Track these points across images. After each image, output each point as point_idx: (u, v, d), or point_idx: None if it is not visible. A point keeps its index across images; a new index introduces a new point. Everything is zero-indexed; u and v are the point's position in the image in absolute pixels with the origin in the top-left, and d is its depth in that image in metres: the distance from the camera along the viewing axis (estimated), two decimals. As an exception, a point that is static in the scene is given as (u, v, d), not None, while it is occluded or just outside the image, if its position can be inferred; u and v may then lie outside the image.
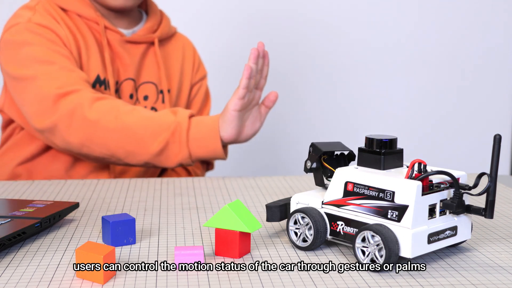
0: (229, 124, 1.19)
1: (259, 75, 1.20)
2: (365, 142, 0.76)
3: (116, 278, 0.68)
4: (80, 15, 1.34)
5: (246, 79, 1.15)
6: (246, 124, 1.23)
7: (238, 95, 1.17)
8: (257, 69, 1.18)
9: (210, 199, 1.02)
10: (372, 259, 0.70)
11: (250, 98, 1.20)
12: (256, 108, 1.24)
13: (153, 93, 1.41)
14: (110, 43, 1.36)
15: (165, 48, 1.46)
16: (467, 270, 0.71)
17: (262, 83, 1.22)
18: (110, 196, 1.05)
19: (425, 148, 2.37)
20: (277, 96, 1.24)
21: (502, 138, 0.70)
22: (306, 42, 2.28)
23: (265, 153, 2.34)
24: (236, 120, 1.19)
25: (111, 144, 1.21)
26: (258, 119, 1.25)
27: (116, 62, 1.37)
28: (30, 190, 1.08)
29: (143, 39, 1.40)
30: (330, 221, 0.75)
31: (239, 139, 1.23)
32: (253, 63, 1.17)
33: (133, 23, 1.43)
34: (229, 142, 1.23)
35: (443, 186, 0.72)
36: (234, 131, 1.20)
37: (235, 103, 1.17)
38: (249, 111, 1.23)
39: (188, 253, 0.70)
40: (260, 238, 0.81)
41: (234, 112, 1.18)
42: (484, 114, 2.38)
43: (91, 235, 0.83)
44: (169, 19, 1.49)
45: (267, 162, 2.35)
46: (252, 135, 1.25)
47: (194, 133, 1.20)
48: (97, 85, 1.33)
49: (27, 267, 0.71)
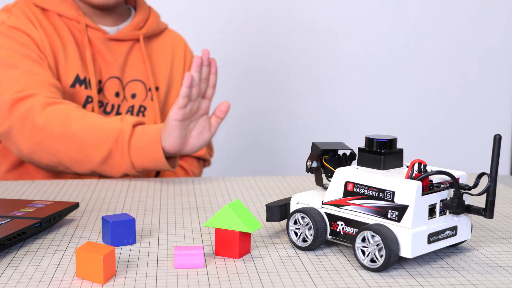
0: (170, 134, 1.13)
1: (204, 84, 1.14)
2: (365, 142, 0.76)
3: (116, 278, 0.68)
4: (61, 15, 1.33)
5: (185, 88, 1.09)
6: (192, 134, 1.17)
7: (178, 104, 1.11)
8: (200, 77, 1.12)
9: (210, 199, 1.02)
10: (372, 259, 0.70)
11: (194, 108, 1.14)
12: (204, 118, 1.17)
13: (141, 91, 1.39)
14: (91, 42, 1.35)
15: (154, 45, 1.44)
16: (467, 270, 0.71)
17: (210, 92, 1.15)
18: (110, 196, 1.05)
19: (425, 148, 2.37)
20: (229, 106, 1.17)
21: (502, 138, 0.70)
22: (307, 42, 2.28)
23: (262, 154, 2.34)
24: (177, 130, 1.13)
25: (57, 151, 1.19)
26: (207, 130, 1.18)
27: (98, 61, 1.35)
28: (30, 190, 1.08)
29: (127, 36, 1.38)
30: (330, 221, 0.75)
31: (184, 150, 1.17)
32: (195, 71, 1.11)
33: (120, 20, 1.41)
34: (173, 153, 1.17)
35: (443, 186, 0.72)
36: (177, 142, 1.14)
37: (175, 113, 1.11)
38: (194, 121, 1.16)
39: (188, 253, 0.70)
40: (260, 238, 0.81)
41: (175, 122, 1.12)
42: (484, 114, 2.38)
43: (91, 235, 0.83)
44: (158, 15, 1.47)
45: (265, 163, 2.35)
46: (201, 146, 1.18)
47: (136, 142, 1.16)
48: (77, 85, 1.32)
49: (27, 267, 0.71)
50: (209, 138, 1.18)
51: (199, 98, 1.14)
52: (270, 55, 2.28)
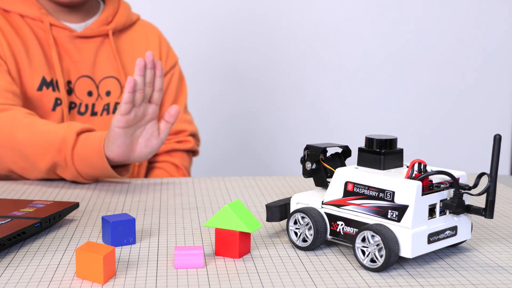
0: (114, 142, 1.07)
1: (149, 88, 1.07)
2: (365, 142, 0.76)
3: (116, 278, 0.68)
4: (23, 15, 1.29)
5: (127, 93, 1.03)
6: (139, 141, 1.10)
7: (120, 110, 1.04)
8: (144, 81, 1.06)
9: (210, 199, 1.02)
10: (372, 259, 0.70)
11: (139, 113, 1.07)
12: (152, 124, 1.10)
13: (115, 88, 1.35)
14: (57, 41, 1.31)
15: (125, 38, 1.39)
16: (467, 270, 0.71)
17: (156, 96, 1.09)
18: (110, 196, 1.05)
19: (425, 148, 2.37)
20: (178, 110, 1.11)
21: (502, 138, 0.70)
22: (307, 41, 2.28)
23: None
24: (121, 138, 1.06)
25: (5, 160, 1.16)
26: (155, 136, 1.11)
27: (65, 61, 1.31)
28: (30, 190, 1.08)
29: (95, 32, 1.34)
30: (330, 221, 0.75)
31: (131, 158, 1.11)
32: (139, 74, 1.05)
33: (88, 16, 1.36)
34: (119, 162, 1.11)
35: (443, 186, 0.72)
36: (121, 150, 1.07)
37: (118, 120, 1.05)
38: (141, 127, 1.10)
39: (188, 253, 0.70)
40: (260, 238, 0.81)
41: (118, 129, 1.05)
42: (484, 114, 2.38)
43: (91, 235, 0.83)
44: (129, 7, 1.42)
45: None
46: (149, 153, 1.12)
47: (79, 151, 1.10)
48: (44, 88, 1.27)
49: (27, 267, 0.71)
50: (158, 144, 1.12)
51: (145, 103, 1.08)
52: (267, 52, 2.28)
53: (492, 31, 2.34)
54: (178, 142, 1.43)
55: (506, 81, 2.38)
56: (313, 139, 2.25)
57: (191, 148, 1.43)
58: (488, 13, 2.32)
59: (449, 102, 2.36)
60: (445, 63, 2.34)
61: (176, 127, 1.43)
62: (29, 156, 1.13)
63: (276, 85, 2.29)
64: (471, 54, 2.34)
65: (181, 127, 1.44)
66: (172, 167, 1.41)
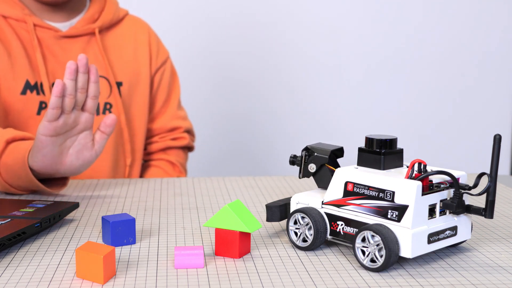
0: (39, 151, 0.98)
1: (82, 94, 0.98)
2: (365, 142, 0.76)
3: (116, 278, 0.68)
4: (6, 16, 1.25)
5: (54, 97, 0.94)
6: (69, 152, 1.01)
7: (47, 117, 0.95)
8: (75, 86, 0.97)
9: (210, 199, 1.02)
10: (372, 259, 0.70)
11: (70, 121, 0.98)
12: (86, 134, 1.01)
13: (104, 88, 1.30)
14: (42, 42, 1.26)
15: (112, 36, 1.35)
16: (467, 270, 0.71)
17: (90, 104, 1.00)
18: (110, 196, 1.05)
19: (425, 148, 2.37)
20: (115, 120, 1.03)
21: (502, 138, 0.70)
22: (307, 41, 2.28)
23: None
24: (48, 147, 0.97)
25: None
26: (89, 148, 1.02)
27: (50, 62, 1.27)
28: (30, 190, 1.08)
29: (81, 31, 1.29)
30: (330, 221, 0.75)
31: (60, 171, 1.02)
32: (69, 78, 0.95)
33: (74, 14, 1.31)
34: (45, 174, 1.02)
35: (443, 186, 0.72)
36: (47, 161, 0.99)
37: (44, 126, 0.96)
38: (72, 136, 1.01)
39: (188, 253, 0.70)
40: (260, 238, 0.81)
41: (44, 137, 0.97)
42: (484, 114, 2.38)
43: (91, 235, 0.83)
44: (116, 2, 1.37)
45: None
46: (81, 166, 1.03)
47: (5, 160, 1.02)
48: (27, 92, 1.23)
49: (27, 267, 0.71)
50: (92, 157, 1.03)
51: (77, 111, 0.99)
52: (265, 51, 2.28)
53: (492, 31, 2.34)
54: (173, 139, 1.42)
55: (506, 81, 2.38)
56: (312, 139, 2.24)
57: (186, 144, 1.42)
58: (488, 13, 2.32)
59: (449, 102, 2.36)
60: (445, 63, 2.34)
61: (170, 124, 1.42)
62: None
63: (274, 85, 2.29)
64: (471, 54, 2.34)
65: (176, 123, 1.42)
66: (168, 165, 1.40)
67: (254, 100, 2.29)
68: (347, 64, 2.31)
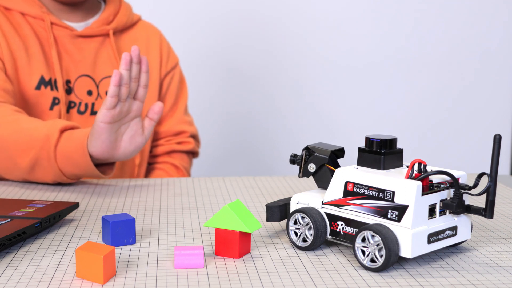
0: (98, 138, 1.04)
1: (134, 83, 1.05)
2: (365, 142, 0.76)
3: (116, 278, 0.68)
4: (24, 14, 1.29)
5: (113, 86, 1.01)
6: (123, 138, 1.08)
7: (105, 105, 1.02)
8: (130, 76, 1.04)
9: (210, 199, 1.02)
10: (372, 259, 0.70)
11: (124, 109, 1.05)
12: (137, 121, 1.09)
13: None
14: (57, 40, 1.30)
15: (126, 38, 1.39)
16: (467, 270, 0.71)
17: (141, 92, 1.07)
18: (110, 196, 1.05)
19: (425, 148, 2.37)
20: (162, 107, 1.11)
21: (502, 138, 0.70)
22: (308, 41, 2.28)
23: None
24: (105, 134, 1.04)
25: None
26: (140, 133, 1.09)
27: (65, 60, 1.31)
28: (30, 190, 1.08)
29: (96, 32, 1.33)
30: (330, 221, 0.75)
31: (116, 156, 1.08)
32: (124, 68, 1.03)
33: (89, 15, 1.37)
34: (103, 159, 1.08)
35: (443, 186, 0.72)
36: (105, 146, 1.05)
37: (103, 114, 1.03)
38: (125, 123, 1.08)
39: (188, 253, 0.70)
40: (260, 238, 0.81)
41: (103, 124, 1.03)
42: (484, 114, 2.38)
43: (91, 235, 0.83)
44: (130, 7, 1.42)
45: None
46: (133, 151, 1.10)
47: (62, 148, 1.07)
48: (42, 87, 1.27)
49: (27, 267, 0.71)
50: (142, 142, 1.10)
51: (130, 99, 1.07)
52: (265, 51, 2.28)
53: (492, 31, 2.34)
54: (178, 143, 1.43)
55: (506, 81, 2.38)
56: (313, 139, 2.25)
57: (191, 149, 1.43)
58: (488, 13, 2.32)
59: (449, 102, 2.36)
60: (445, 63, 2.34)
61: (176, 128, 1.43)
62: (12, 154, 1.11)
63: (276, 85, 2.29)
64: (471, 54, 2.34)
65: (182, 128, 1.44)
66: (172, 168, 1.41)
67: (258, 101, 2.30)
68: (347, 64, 2.30)
